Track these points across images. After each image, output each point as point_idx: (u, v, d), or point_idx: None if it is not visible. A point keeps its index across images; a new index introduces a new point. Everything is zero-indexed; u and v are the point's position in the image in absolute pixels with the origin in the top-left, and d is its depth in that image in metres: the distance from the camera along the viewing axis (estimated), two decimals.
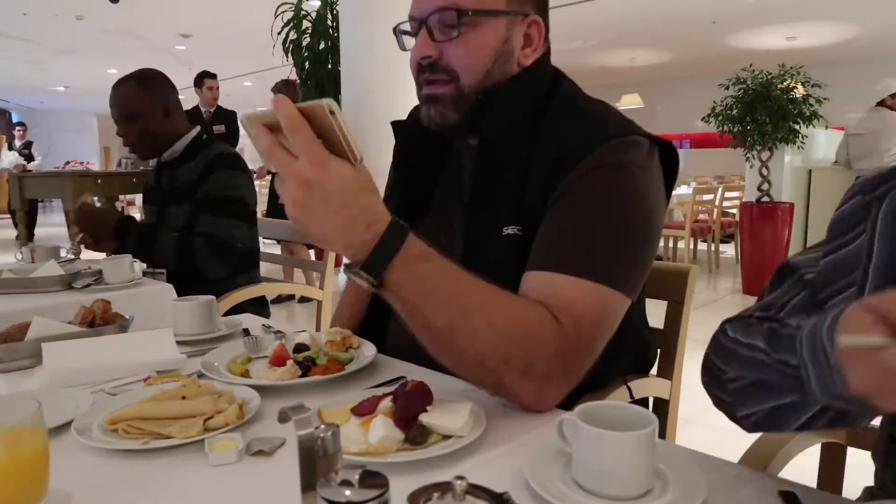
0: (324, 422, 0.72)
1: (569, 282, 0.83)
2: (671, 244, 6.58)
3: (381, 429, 0.69)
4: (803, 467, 0.91)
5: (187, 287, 1.62)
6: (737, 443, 0.87)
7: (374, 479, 0.47)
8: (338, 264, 2.29)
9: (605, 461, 0.59)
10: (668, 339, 1.22)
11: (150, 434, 0.74)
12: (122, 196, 8.39)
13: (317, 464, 0.51)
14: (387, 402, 0.73)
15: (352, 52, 4.48)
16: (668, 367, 1.22)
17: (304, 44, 5.92)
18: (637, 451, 0.59)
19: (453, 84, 0.95)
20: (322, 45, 5.74)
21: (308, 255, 4.73)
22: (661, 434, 1.19)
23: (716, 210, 6.35)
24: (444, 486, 0.48)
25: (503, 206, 0.94)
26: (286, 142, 0.71)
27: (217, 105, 5.73)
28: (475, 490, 0.48)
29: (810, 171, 5.86)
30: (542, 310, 0.81)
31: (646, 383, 1.13)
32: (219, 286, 1.88)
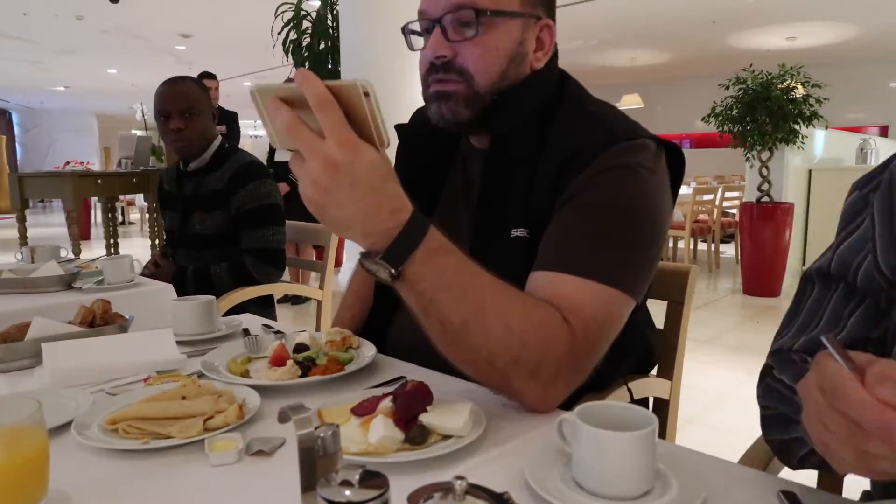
0: (324, 422, 0.72)
1: (576, 283, 0.82)
2: (671, 244, 6.58)
3: (381, 429, 0.69)
4: None
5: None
6: (737, 443, 0.87)
7: (374, 479, 0.47)
8: (338, 264, 2.29)
9: (605, 461, 0.59)
10: (668, 339, 1.22)
11: (150, 434, 0.74)
12: (122, 196, 8.40)
13: (317, 464, 0.51)
14: (387, 402, 0.73)
15: (352, 52, 4.48)
16: (668, 367, 1.22)
17: (304, 44, 5.92)
18: (637, 451, 0.59)
19: (464, 84, 0.94)
20: (322, 45, 5.74)
21: (312, 255, 4.72)
22: (661, 434, 1.19)
23: (716, 210, 6.35)
24: (444, 486, 0.48)
25: (511, 208, 0.94)
26: (307, 119, 0.67)
27: (218, 106, 5.71)
28: (475, 490, 0.48)
29: (810, 171, 5.86)
30: (553, 311, 0.80)
31: (646, 383, 1.13)
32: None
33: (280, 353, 0.98)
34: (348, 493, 0.45)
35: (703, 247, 7.09)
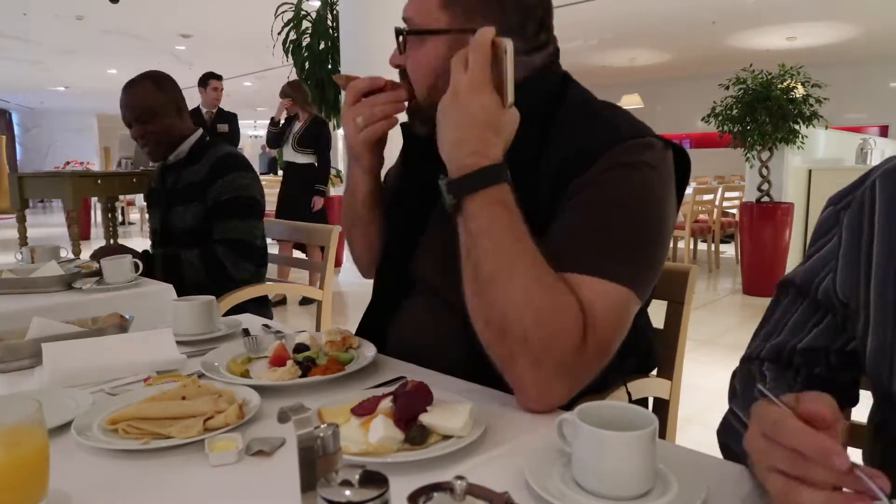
0: (324, 422, 0.72)
1: (585, 281, 0.82)
2: (671, 244, 6.58)
3: (381, 429, 0.69)
4: None
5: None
6: None
7: (374, 479, 0.47)
8: (338, 264, 2.29)
9: (605, 461, 0.59)
10: (668, 340, 1.22)
11: (150, 434, 0.74)
12: (121, 196, 8.39)
13: (317, 464, 0.51)
14: (387, 403, 0.73)
15: (352, 52, 4.48)
16: (668, 367, 1.22)
17: (304, 44, 5.93)
18: (637, 451, 0.59)
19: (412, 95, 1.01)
20: (322, 45, 5.75)
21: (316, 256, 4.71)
22: (661, 434, 1.19)
23: (716, 210, 6.35)
24: (444, 486, 0.48)
25: None
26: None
27: (218, 107, 5.67)
28: (475, 490, 0.48)
29: (810, 171, 5.86)
30: (575, 303, 0.80)
31: (646, 383, 1.13)
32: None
33: (280, 353, 0.98)
34: (348, 493, 0.46)
35: (703, 247, 7.09)
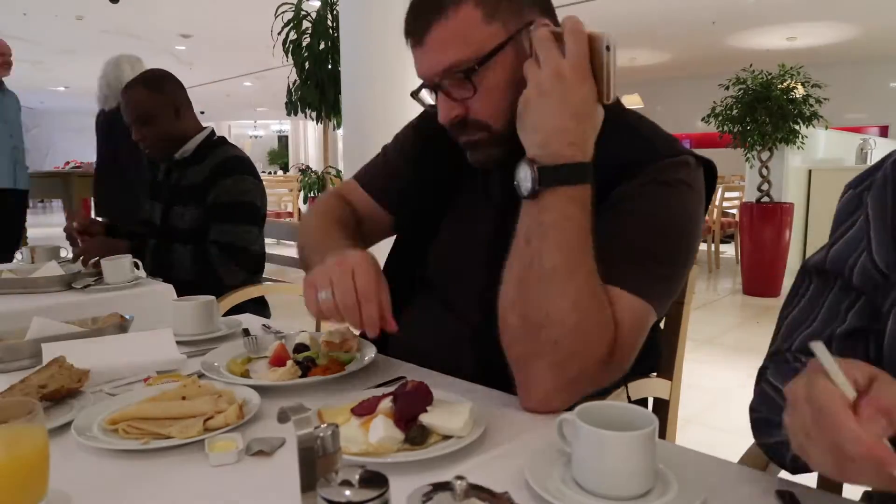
0: (324, 422, 0.72)
1: (623, 297, 0.82)
2: None
3: (381, 429, 0.69)
4: None
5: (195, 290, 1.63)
6: (737, 443, 0.87)
7: (374, 479, 0.47)
8: None
9: (605, 461, 0.59)
10: (668, 339, 1.22)
11: (150, 434, 0.74)
12: None
13: (317, 464, 0.51)
14: (387, 403, 0.73)
15: (352, 52, 4.47)
16: (668, 367, 1.22)
17: (304, 44, 5.92)
18: (637, 451, 0.59)
19: (485, 132, 0.93)
20: (322, 45, 5.75)
21: None
22: (661, 434, 1.19)
23: (716, 210, 6.35)
24: (444, 486, 0.48)
25: None
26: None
27: None
28: (475, 490, 0.48)
29: (810, 171, 5.86)
30: (612, 318, 0.81)
31: (646, 383, 1.13)
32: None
33: (280, 353, 0.98)
34: (348, 493, 0.46)
35: (703, 247, 7.09)
